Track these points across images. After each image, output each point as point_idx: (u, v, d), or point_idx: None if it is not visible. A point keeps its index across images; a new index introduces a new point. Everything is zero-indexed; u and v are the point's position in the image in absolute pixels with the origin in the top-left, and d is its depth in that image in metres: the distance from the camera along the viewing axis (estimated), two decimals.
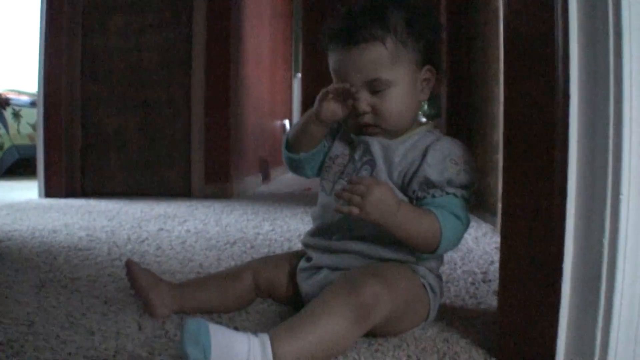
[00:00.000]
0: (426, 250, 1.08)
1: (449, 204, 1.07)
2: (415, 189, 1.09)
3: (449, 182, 1.07)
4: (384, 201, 0.98)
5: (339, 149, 1.22)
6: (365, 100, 1.12)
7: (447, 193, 1.08)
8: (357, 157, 1.17)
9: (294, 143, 1.23)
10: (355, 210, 0.97)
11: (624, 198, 0.80)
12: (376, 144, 1.15)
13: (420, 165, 1.09)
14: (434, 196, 1.08)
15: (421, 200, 1.09)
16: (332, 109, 1.14)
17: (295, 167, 1.26)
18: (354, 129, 1.17)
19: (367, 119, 1.13)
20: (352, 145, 1.20)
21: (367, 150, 1.15)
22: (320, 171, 1.25)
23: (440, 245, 1.05)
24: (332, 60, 1.15)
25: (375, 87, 1.11)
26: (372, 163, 1.14)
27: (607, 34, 0.81)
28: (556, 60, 0.86)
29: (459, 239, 1.10)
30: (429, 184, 1.08)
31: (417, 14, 1.13)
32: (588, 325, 0.83)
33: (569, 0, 0.85)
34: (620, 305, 0.81)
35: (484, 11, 3.01)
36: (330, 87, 1.13)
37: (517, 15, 0.92)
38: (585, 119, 0.85)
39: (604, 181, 0.82)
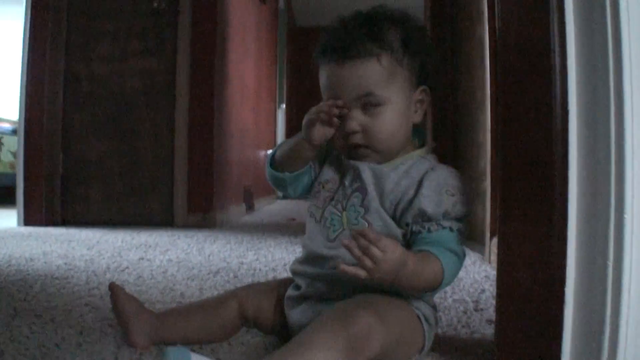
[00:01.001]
0: (427, 292, 1.04)
1: (445, 239, 1.03)
2: (409, 222, 1.05)
3: (445, 215, 1.03)
4: (398, 261, 0.92)
5: (328, 174, 1.17)
6: (355, 119, 1.07)
7: (443, 227, 1.03)
8: (347, 183, 1.12)
9: (279, 162, 1.19)
10: (361, 274, 0.89)
11: (627, 218, 0.76)
12: (367, 170, 1.10)
13: (415, 196, 1.04)
14: (429, 230, 1.03)
15: (416, 234, 1.05)
16: (322, 131, 1.10)
17: (278, 185, 1.21)
18: (343, 150, 1.13)
19: (357, 139, 1.08)
20: (342, 170, 1.15)
21: (358, 177, 1.10)
22: (302, 193, 1.20)
23: (442, 285, 1.01)
24: (324, 75, 1.10)
25: (368, 104, 1.06)
26: (363, 190, 1.09)
27: (606, 55, 0.79)
28: (553, 76, 0.83)
29: (457, 274, 1.05)
30: (424, 216, 1.03)
31: (413, 33, 1.10)
32: (593, 352, 0.79)
33: (566, 16, 0.83)
34: (626, 333, 0.77)
35: (469, 39, 3.02)
36: (318, 106, 1.09)
37: (512, 30, 0.90)
38: (585, 137, 0.82)
39: (607, 201, 0.78)
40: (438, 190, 1.04)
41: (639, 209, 0.77)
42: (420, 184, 1.05)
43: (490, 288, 1.74)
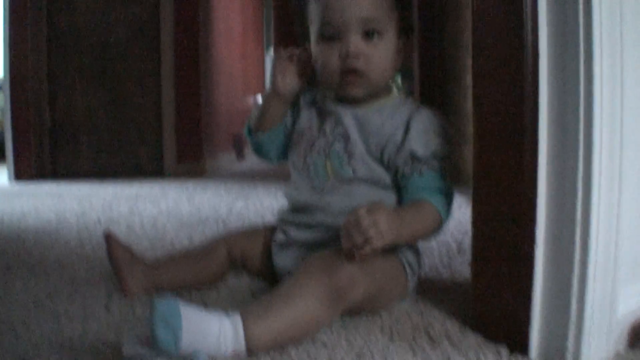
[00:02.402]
0: (432, 237, 1.11)
1: (436, 179, 1.07)
2: (399, 165, 1.07)
3: (434, 155, 1.06)
4: (390, 219, 0.93)
5: (305, 122, 1.17)
6: (356, 42, 1.06)
7: (433, 167, 1.06)
8: (327, 129, 1.12)
9: (254, 124, 1.21)
10: (378, 244, 0.91)
11: (596, 153, 0.78)
12: (349, 115, 1.11)
13: (404, 138, 1.06)
14: (420, 172, 1.06)
15: (407, 178, 1.07)
16: (290, 80, 1.12)
17: (258, 151, 1.24)
18: (332, 80, 1.10)
19: (355, 63, 1.06)
20: (321, 116, 1.15)
21: (339, 122, 1.11)
22: (285, 154, 1.22)
23: (442, 226, 1.07)
24: (322, 3, 1.08)
25: (370, 31, 1.06)
26: (345, 136, 1.10)
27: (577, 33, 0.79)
28: (525, 20, 0.84)
29: (451, 211, 1.09)
30: (415, 158, 1.05)
31: None
32: (563, 291, 0.82)
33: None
34: (594, 267, 0.80)
35: None
36: (285, 52, 1.12)
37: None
38: (554, 78, 0.83)
39: (576, 142, 0.80)
40: (425, 131, 1.06)
41: (607, 147, 0.79)
42: (407, 126, 1.07)
43: None
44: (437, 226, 1.06)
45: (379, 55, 1.07)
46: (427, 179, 1.06)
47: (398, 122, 1.08)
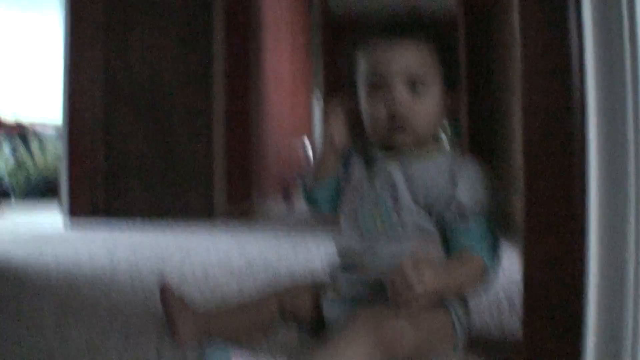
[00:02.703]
0: (480, 289, 1.11)
1: (482, 229, 1.07)
2: (446, 215, 1.08)
3: (480, 206, 1.07)
4: (436, 273, 0.96)
5: (355, 172, 1.20)
6: (401, 96, 1.09)
7: (479, 218, 1.07)
8: (377, 180, 1.15)
9: (310, 184, 1.24)
10: (422, 298, 0.94)
11: None
12: (395, 165, 1.13)
13: (450, 189, 1.08)
14: (467, 223, 1.07)
15: (454, 228, 1.08)
16: (343, 133, 1.16)
17: (314, 205, 1.27)
18: (379, 129, 1.13)
19: (401, 111, 1.09)
20: (369, 167, 1.18)
21: (386, 172, 1.14)
22: (337, 205, 1.24)
23: (489, 278, 1.07)
24: (371, 52, 1.12)
25: (416, 82, 1.09)
26: (393, 186, 1.12)
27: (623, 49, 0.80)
28: (572, 73, 0.85)
29: (499, 261, 1.09)
30: (461, 209, 1.07)
31: (448, 39, 1.15)
32: (615, 350, 0.81)
33: (584, 13, 0.84)
34: None
35: (503, 27, 2.99)
36: (332, 107, 1.17)
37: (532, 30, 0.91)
38: (602, 133, 0.83)
39: (626, 199, 0.79)
40: (472, 182, 1.08)
41: None
42: (453, 177, 1.09)
43: None
44: (484, 278, 1.06)
45: (423, 107, 1.10)
46: (473, 230, 1.07)
47: (444, 172, 1.10)
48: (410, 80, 1.09)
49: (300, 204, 5.02)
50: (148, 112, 3.85)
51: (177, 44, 3.84)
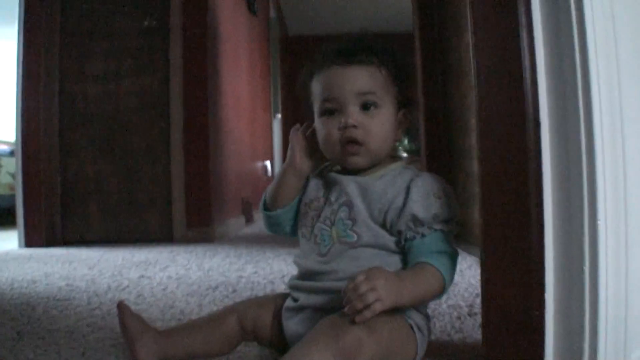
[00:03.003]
0: (434, 299, 1.11)
1: (438, 241, 1.08)
2: (402, 229, 1.08)
3: (435, 218, 1.07)
4: (390, 282, 0.96)
5: (312, 193, 1.21)
6: (354, 114, 1.11)
7: (435, 230, 1.08)
8: (333, 199, 1.16)
9: (271, 200, 1.24)
10: (378, 307, 0.94)
11: (601, 224, 0.79)
12: (352, 184, 1.14)
13: (404, 203, 1.08)
14: (423, 235, 1.07)
15: (410, 241, 1.08)
16: (307, 155, 1.18)
17: (274, 225, 1.26)
18: (334, 151, 1.14)
19: (354, 133, 1.11)
20: (326, 187, 1.19)
21: (343, 191, 1.14)
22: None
23: (445, 289, 1.07)
24: (323, 78, 1.15)
25: (368, 103, 1.11)
26: (349, 203, 1.13)
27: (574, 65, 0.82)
28: (525, 90, 0.86)
29: (454, 273, 1.09)
30: (416, 221, 1.07)
31: (401, 61, 1.18)
32: (574, 354, 0.82)
33: (535, 33, 0.86)
34: (605, 331, 0.80)
35: (458, 45, 3.05)
36: (301, 128, 1.18)
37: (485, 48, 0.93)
38: (556, 147, 0.85)
39: (580, 207, 0.81)
40: (425, 195, 1.08)
41: (612, 213, 0.80)
42: (407, 191, 1.09)
43: None
44: (440, 288, 1.06)
45: (376, 126, 1.12)
46: (429, 242, 1.08)
47: (399, 187, 1.11)
48: (362, 103, 1.11)
49: (261, 224, 5.00)
50: (105, 138, 3.82)
51: (134, 67, 3.83)
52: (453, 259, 1.08)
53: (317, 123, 1.16)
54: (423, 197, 1.08)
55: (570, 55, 0.82)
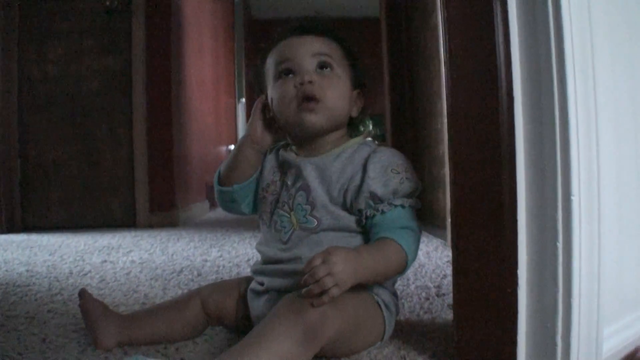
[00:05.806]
0: (398, 275, 1.09)
1: (399, 217, 1.06)
2: (362, 207, 1.06)
3: (395, 193, 1.05)
4: (348, 261, 0.94)
5: (269, 177, 1.19)
6: (310, 72, 1.10)
7: (395, 205, 1.05)
8: (289, 182, 1.14)
9: (226, 175, 1.20)
10: (335, 292, 0.92)
11: (575, 199, 0.79)
12: (308, 166, 1.12)
13: (362, 180, 1.06)
14: (383, 212, 1.05)
15: (371, 218, 1.06)
16: (265, 129, 1.16)
17: (229, 202, 1.22)
18: (290, 111, 1.10)
19: (310, 88, 1.08)
20: (282, 170, 1.17)
21: (300, 175, 1.12)
22: (256, 206, 1.22)
23: (408, 264, 1.05)
24: (279, 47, 1.15)
25: (324, 64, 1.11)
26: (306, 187, 1.11)
27: (549, 57, 0.81)
28: (499, 64, 0.85)
29: (418, 248, 1.08)
30: (375, 198, 1.05)
31: (351, 47, 1.19)
32: (548, 331, 0.81)
33: (509, 12, 0.84)
34: (579, 307, 0.80)
35: (424, 29, 3.04)
36: (259, 100, 1.16)
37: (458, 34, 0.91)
38: (530, 128, 0.84)
39: (554, 184, 0.80)
40: (383, 170, 1.06)
41: (585, 188, 0.80)
42: (365, 167, 1.07)
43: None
44: (403, 262, 1.04)
45: (332, 85, 1.11)
46: (390, 217, 1.06)
47: (357, 164, 1.09)
48: (318, 62, 1.11)
49: None
50: (67, 120, 3.73)
51: (95, 49, 3.74)
52: (415, 234, 1.07)
53: (272, 88, 1.14)
54: (380, 173, 1.06)
55: (544, 29, 0.80)
